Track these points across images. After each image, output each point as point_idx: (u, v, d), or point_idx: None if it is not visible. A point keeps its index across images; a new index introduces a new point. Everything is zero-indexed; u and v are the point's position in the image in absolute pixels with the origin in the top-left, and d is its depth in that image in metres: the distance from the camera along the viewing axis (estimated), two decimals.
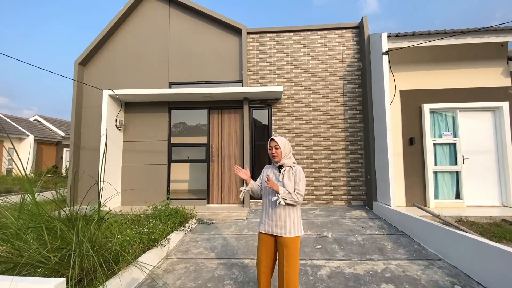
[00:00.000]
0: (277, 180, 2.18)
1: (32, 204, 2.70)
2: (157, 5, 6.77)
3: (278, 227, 2.10)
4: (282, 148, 2.20)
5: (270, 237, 2.17)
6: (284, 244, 2.07)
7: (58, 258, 2.28)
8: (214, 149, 6.34)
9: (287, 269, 2.05)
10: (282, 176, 2.17)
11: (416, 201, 5.34)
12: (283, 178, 2.15)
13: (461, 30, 4.90)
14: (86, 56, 6.64)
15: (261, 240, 2.21)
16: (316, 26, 6.45)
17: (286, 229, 2.08)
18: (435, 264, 3.05)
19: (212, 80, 6.46)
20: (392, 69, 5.48)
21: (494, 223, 4.28)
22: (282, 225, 2.09)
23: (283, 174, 2.17)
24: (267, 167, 2.38)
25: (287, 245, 2.06)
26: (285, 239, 2.07)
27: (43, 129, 16.20)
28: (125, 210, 5.30)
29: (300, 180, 2.15)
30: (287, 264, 2.05)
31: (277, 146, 2.21)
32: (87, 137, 6.55)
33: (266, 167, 2.39)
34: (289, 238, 2.07)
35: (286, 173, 2.17)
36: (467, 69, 5.55)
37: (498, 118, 5.40)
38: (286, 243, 2.06)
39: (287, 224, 2.09)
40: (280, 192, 2.06)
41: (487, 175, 5.36)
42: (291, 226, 2.09)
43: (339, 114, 6.25)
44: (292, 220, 2.11)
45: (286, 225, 2.09)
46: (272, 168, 2.33)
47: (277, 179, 2.20)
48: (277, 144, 2.21)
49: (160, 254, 3.29)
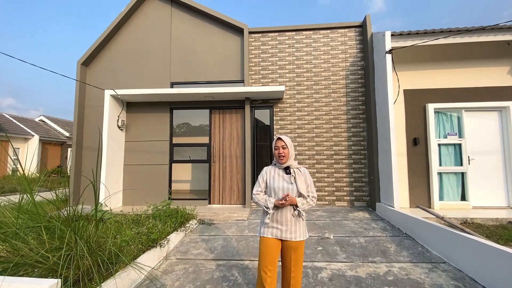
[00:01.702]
0: (288, 183, 2.05)
1: (32, 203, 2.70)
2: (159, 5, 6.77)
3: (288, 232, 2.00)
4: (289, 148, 2.10)
5: (277, 242, 2.04)
6: (293, 248, 2.00)
7: (56, 258, 2.27)
8: (216, 149, 6.31)
9: (295, 273, 1.99)
10: (294, 178, 2.05)
11: (421, 202, 5.25)
12: (296, 181, 2.04)
13: (466, 29, 4.81)
14: (89, 57, 6.67)
15: (268, 246, 2.01)
16: (318, 25, 6.40)
17: (296, 233, 2.01)
18: (439, 267, 2.98)
19: (213, 80, 6.44)
20: (396, 68, 5.40)
21: (501, 225, 4.18)
22: (292, 230, 2.01)
23: (294, 177, 2.06)
24: (269, 169, 2.19)
25: (296, 249, 2.00)
26: (294, 243, 2.00)
27: (48, 129, 16.37)
28: (126, 210, 5.32)
29: (311, 182, 2.11)
30: (295, 269, 1.99)
31: (284, 146, 2.09)
32: (89, 137, 6.57)
33: (268, 169, 2.19)
34: (298, 242, 2.01)
35: (297, 176, 2.06)
36: (473, 68, 5.45)
37: (504, 118, 5.28)
38: (295, 247, 2.00)
39: (296, 229, 2.02)
40: (299, 205, 1.98)
41: (493, 176, 5.24)
42: (300, 230, 2.03)
43: (342, 114, 6.18)
44: (301, 223, 2.05)
45: (296, 229, 2.01)
46: (275, 169, 2.16)
47: (286, 181, 2.07)
48: (285, 144, 2.09)
49: (159, 255, 3.27)
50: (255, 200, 2.10)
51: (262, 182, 2.15)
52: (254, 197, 2.12)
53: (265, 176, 2.16)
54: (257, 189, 2.14)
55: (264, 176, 2.16)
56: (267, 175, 2.16)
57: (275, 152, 2.12)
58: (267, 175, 2.16)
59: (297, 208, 1.99)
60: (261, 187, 2.14)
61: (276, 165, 2.17)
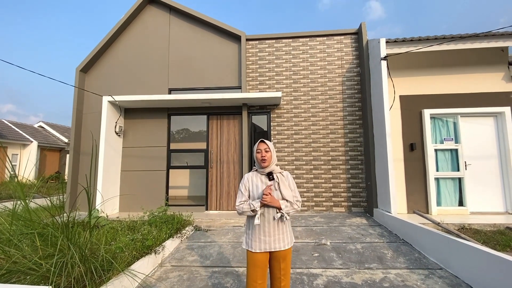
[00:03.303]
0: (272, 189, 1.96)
1: (25, 210, 2.69)
2: (158, 13, 6.87)
3: (277, 241, 1.92)
4: (272, 151, 2.01)
5: (266, 255, 1.94)
6: (282, 257, 1.93)
7: (49, 265, 2.25)
8: (213, 155, 6.32)
9: (285, 282, 1.94)
10: (277, 184, 1.97)
11: (418, 208, 5.24)
12: (279, 186, 1.96)
13: (460, 36, 4.88)
14: (88, 63, 6.73)
15: (257, 260, 1.91)
16: (315, 32, 6.48)
17: (284, 241, 1.93)
18: (435, 274, 2.95)
19: (211, 86, 6.48)
20: (392, 74, 5.46)
21: (498, 231, 4.16)
22: (281, 238, 1.93)
23: (277, 182, 1.97)
24: (250, 176, 2.06)
25: (285, 257, 1.94)
26: (283, 252, 1.93)
27: (47, 135, 16.39)
28: (122, 216, 5.29)
29: (295, 186, 2.05)
30: (284, 278, 1.93)
31: (267, 149, 2.00)
32: (87, 143, 6.58)
33: (249, 176, 2.06)
34: (286, 251, 1.95)
35: (280, 181, 1.98)
36: (468, 74, 5.50)
37: (500, 123, 5.31)
38: (284, 256, 1.94)
39: (285, 236, 1.95)
40: (283, 207, 1.89)
41: (491, 181, 5.25)
42: (287, 237, 1.97)
43: (339, 119, 6.21)
44: (288, 230, 2.00)
45: (284, 237, 1.94)
46: (257, 176, 2.04)
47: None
48: (267, 147, 2.00)
49: (154, 262, 3.24)
50: (239, 212, 1.95)
51: (245, 191, 2.01)
52: (238, 208, 1.96)
53: (247, 184, 2.03)
54: (240, 200, 1.98)
55: (246, 184, 2.03)
56: (249, 183, 2.03)
57: (257, 155, 2.02)
58: (249, 183, 2.03)
59: (281, 211, 1.90)
60: (245, 197, 2.00)
61: (258, 170, 2.06)
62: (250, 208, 1.91)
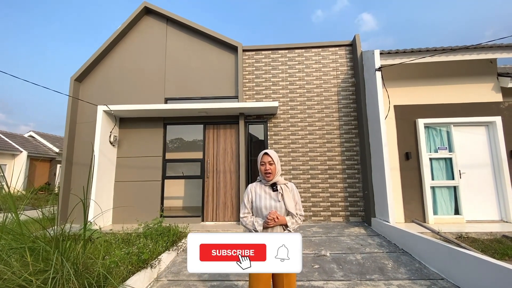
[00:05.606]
0: (275, 201, 1.93)
1: (16, 223, 2.57)
2: (155, 24, 6.91)
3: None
4: (276, 164, 1.99)
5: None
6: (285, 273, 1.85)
7: (40, 282, 2.14)
8: (210, 165, 6.25)
9: None
10: (281, 196, 1.93)
11: (415, 217, 5.25)
12: (283, 198, 1.93)
13: (451, 48, 5.04)
14: (83, 73, 6.67)
15: (260, 280, 1.82)
16: (310, 43, 6.61)
17: None
18: (437, 284, 2.92)
19: (208, 96, 6.49)
20: (386, 85, 5.56)
21: (495, 239, 4.18)
22: None
23: (281, 194, 1.94)
24: (254, 187, 2.05)
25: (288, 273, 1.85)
26: None
27: (37, 145, 16.01)
28: (116, 229, 5.13)
29: (299, 199, 2.01)
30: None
31: (271, 162, 1.97)
32: (80, 152, 6.44)
33: (253, 187, 2.05)
34: None
35: (284, 192, 1.95)
36: (460, 85, 5.65)
37: (492, 133, 5.43)
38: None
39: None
40: (289, 225, 1.87)
41: (485, 189, 5.31)
42: None
43: (335, 128, 6.26)
44: None
45: None
46: (261, 186, 2.03)
47: (273, 199, 1.94)
48: (271, 160, 1.98)
49: (150, 276, 3.12)
50: (243, 224, 1.97)
51: (248, 202, 2.00)
52: (241, 220, 1.98)
53: (251, 195, 2.02)
54: (244, 211, 1.99)
55: (250, 195, 2.02)
56: (252, 193, 2.02)
57: (261, 168, 2.00)
58: (252, 193, 2.02)
59: (287, 229, 1.88)
60: (248, 208, 1.99)
61: (262, 181, 2.05)
62: (252, 228, 1.90)
